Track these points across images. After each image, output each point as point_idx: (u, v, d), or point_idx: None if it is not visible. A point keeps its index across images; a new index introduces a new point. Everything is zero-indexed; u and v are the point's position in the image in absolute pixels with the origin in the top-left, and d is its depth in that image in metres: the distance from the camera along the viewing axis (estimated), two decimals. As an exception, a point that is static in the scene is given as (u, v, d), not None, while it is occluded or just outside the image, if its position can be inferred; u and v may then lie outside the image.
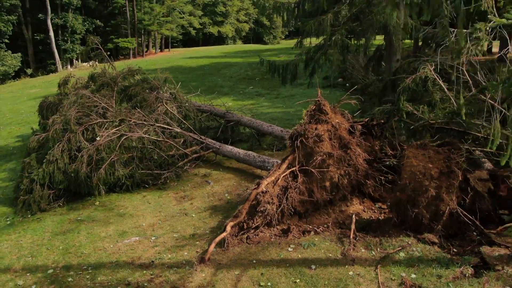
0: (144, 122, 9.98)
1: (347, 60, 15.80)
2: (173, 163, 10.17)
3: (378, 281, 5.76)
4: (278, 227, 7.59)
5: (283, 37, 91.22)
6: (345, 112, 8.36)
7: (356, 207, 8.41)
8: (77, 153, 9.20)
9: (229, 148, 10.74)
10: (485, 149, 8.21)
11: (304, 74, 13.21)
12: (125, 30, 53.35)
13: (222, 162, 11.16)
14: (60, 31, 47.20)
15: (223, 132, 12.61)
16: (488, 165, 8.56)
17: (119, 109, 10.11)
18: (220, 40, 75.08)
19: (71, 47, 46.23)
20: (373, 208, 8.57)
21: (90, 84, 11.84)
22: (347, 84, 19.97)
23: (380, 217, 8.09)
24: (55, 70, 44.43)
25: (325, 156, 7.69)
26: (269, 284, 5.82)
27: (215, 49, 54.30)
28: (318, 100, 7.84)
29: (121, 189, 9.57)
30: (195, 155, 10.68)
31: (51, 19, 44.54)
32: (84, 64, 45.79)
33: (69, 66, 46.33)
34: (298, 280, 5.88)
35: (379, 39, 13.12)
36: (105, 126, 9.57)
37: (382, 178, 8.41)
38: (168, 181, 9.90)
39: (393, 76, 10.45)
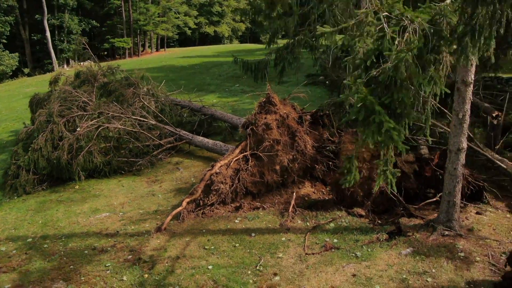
0: (121, 115, 11.02)
1: (319, 59, 16.79)
2: (147, 152, 11.21)
3: (304, 245, 6.80)
4: (232, 205, 8.62)
5: (280, 36, 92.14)
6: (295, 104, 9.39)
7: (308, 189, 9.42)
8: (59, 142, 10.24)
9: (200, 138, 11.78)
10: (417, 136, 9.29)
11: (274, 71, 14.21)
12: (120, 30, 54.39)
13: (195, 152, 12.18)
14: (56, 31, 48.28)
15: (200, 125, 13.64)
16: (425, 150, 9.63)
17: (98, 103, 11.16)
18: (216, 39, 76.07)
19: (67, 47, 47.28)
20: (323, 190, 9.59)
21: (75, 81, 12.89)
22: (327, 82, 20.99)
23: (327, 198, 9.13)
24: (52, 70, 45.45)
25: (273, 142, 8.73)
26: (212, 247, 6.86)
27: (210, 48, 55.32)
28: (268, 93, 8.87)
29: (99, 174, 10.61)
30: (169, 145, 11.71)
31: (48, 20, 45.58)
32: (81, 63, 46.85)
33: (65, 66, 47.37)
34: (237, 245, 6.92)
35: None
36: (85, 118, 10.62)
37: (330, 163, 9.46)
38: (142, 168, 10.94)
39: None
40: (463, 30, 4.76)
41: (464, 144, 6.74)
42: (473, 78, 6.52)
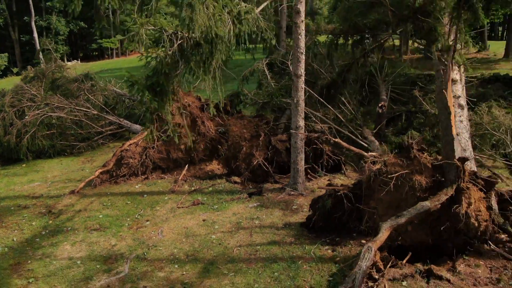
0: (65, 106, 12.99)
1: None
2: (89, 137, 13.19)
3: (179, 202, 8.78)
4: (142, 176, 10.59)
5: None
6: (200, 96, 11.35)
7: (214, 166, 11.36)
8: (10, 128, 12.22)
9: (136, 126, 13.74)
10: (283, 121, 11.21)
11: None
12: (108, 32, 56.33)
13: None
14: (44, 33, 50.21)
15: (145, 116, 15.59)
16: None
17: (45, 96, 13.12)
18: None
19: (54, 47, 49.23)
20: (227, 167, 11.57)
21: (28, 77, 14.88)
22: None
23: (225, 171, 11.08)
24: (40, 69, 47.40)
25: (176, 126, 10.68)
26: (109, 204, 8.85)
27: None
28: (176, 87, 10.82)
29: (45, 156, 12.59)
30: (109, 132, 13.68)
31: (36, 22, 47.52)
32: (68, 63, 48.82)
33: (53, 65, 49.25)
34: (129, 202, 8.90)
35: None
36: (33, 108, 12.60)
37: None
38: (83, 150, 12.92)
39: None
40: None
41: (301, 123, 8.71)
42: (303, 72, 8.48)
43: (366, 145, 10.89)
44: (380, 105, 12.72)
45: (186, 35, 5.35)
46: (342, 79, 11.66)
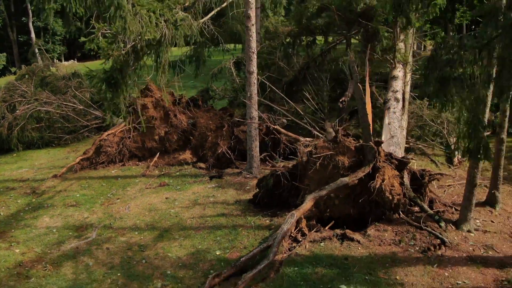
0: (53, 101, 14.18)
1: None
2: (75, 130, 14.38)
3: (148, 184, 9.96)
4: (120, 163, 11.76)
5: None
6: (173, 91, 12.52)
7: (187, 156, 12.48)
8: (2, 121, 13.40)
9: (117, 119, 14.91)
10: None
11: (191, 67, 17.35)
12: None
13: (117, 132, 15.31)
14: (42, 33, 51.45)
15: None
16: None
17: (34, 92, 14.30)
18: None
19: (52, 47, 50.48)
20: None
21: (19, 75, 16.06)
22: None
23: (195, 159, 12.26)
24: (37, 69, 48.62)
25: (150, 118, 11.86)
26: (87, 186, 10.03)
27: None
28: (148, 83, 12.01)
29: (34, 146, 13.77)
30: (94, 125, 14.86)
31: (33, 22, 48.76)
32: (65, 62, 50.04)
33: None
34: (104, 184, 10.09)
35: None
36: (23, 103, 13.78)
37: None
38: (69, 142, 14.10)
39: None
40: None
41: (254, 114, 9.88)
42: (255, 69, 9.65)
43: (322, 136, 12.07)
44: (341, 100, 13.88)
45: (139, 37, 6.53)
46: (302, 76, 12.85)
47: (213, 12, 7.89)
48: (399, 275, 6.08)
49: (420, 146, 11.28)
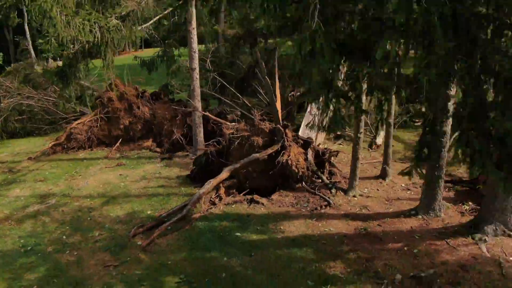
0: (35, 96, 15.90)
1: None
2: (54, 122, 16.11)
3: (107, 164, 11.67)
4: (89, 149, 13.49)
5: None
6: (137, 86, 14.23)
7: (150, 143, 14.20)
8: (-11, 113, 15.14)
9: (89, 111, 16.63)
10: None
11: (161, 67, 19.03)
12: (99, 32, 59.32)
13: (94, 123, 17.03)
14: (37, 34, 53.22)
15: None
16: (232, 116, 14.44)
17: (18, 87, 16.04)
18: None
19: (48, 47, 52.28)
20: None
21: (4, 72, 17.82)
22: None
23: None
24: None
25: (116, 110, 13.58)
26: (56, 166, 11.75)
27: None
28: (113, 79, 13.71)
29: (17, 136, 15.51)
30: (73, 117, 16.58)
31: (29, 23, 50.52)
32: (59, 62, 51.91)
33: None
34: (71, 164, 11.81)
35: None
36: (8, 97, 15.51)
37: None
38: (49, 132, 15.83)
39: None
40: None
41: (197, 105, 11.58)
42: (197, 66, 11.35)
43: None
44: (290, 94, 15.59)
45: (86, 40, 8.25)
46: (252, 73, 14.55)
47: (152, 21, 9.60)
48: (284, 226, 7.78)
49: (348, 133, 12.97)
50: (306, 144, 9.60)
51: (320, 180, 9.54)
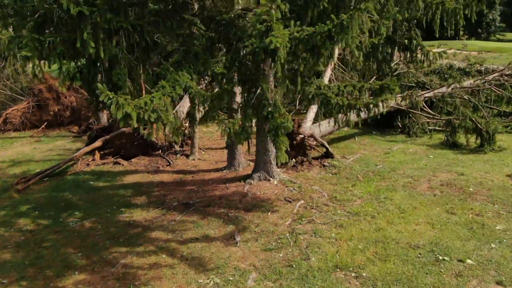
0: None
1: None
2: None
3: (28, 140, 14.75)
4: (23, 131, 16.56)
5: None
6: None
7: (78, 128, 17.30)
8: None
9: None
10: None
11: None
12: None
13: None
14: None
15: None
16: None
17: None
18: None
19: (33, 47, 55.50)
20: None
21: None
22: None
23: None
24: (19, 66, 53.66)
25: (45, 99, 16.65)
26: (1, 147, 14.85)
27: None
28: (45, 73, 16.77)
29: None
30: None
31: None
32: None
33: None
34: (0, 141, 14.89)
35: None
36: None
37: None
38: None
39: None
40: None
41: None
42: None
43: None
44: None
45: None
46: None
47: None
48: (126, 178, 10.78)
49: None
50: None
51: (173, 149, 12.57)
